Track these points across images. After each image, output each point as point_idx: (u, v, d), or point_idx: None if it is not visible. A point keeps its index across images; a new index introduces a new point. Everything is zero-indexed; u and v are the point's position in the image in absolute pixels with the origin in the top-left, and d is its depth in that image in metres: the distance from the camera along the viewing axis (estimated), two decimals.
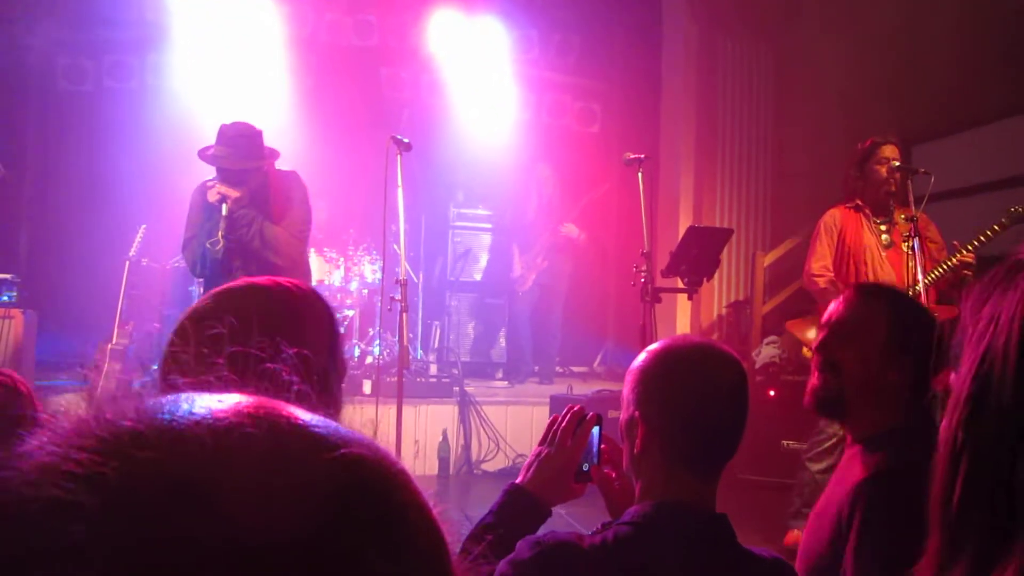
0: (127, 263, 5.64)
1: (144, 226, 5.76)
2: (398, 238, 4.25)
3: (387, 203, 4.04)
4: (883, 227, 4.33)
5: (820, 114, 6.74)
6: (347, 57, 7.12)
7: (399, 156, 4.00)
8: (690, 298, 4.07)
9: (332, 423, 0.40)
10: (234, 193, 3.83)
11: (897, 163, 4.30)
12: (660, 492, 1.37)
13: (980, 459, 0.67)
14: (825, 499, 1.77)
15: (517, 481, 1.56)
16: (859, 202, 4.36)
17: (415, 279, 6.85)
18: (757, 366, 5.90)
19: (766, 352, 5.87)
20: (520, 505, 1.53)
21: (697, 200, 7.05)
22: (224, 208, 3.79)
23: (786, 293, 6.47)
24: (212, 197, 3.86)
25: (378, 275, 5.70)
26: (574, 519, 3.96)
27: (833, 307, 1.83)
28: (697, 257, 3.77)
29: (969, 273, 4.10)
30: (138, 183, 6.05)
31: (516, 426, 5.93)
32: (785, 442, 5.32)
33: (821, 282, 4.36)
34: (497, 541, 1.37)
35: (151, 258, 5.91)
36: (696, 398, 1.38)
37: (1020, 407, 0.66)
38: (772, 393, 5.67)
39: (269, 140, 4.25)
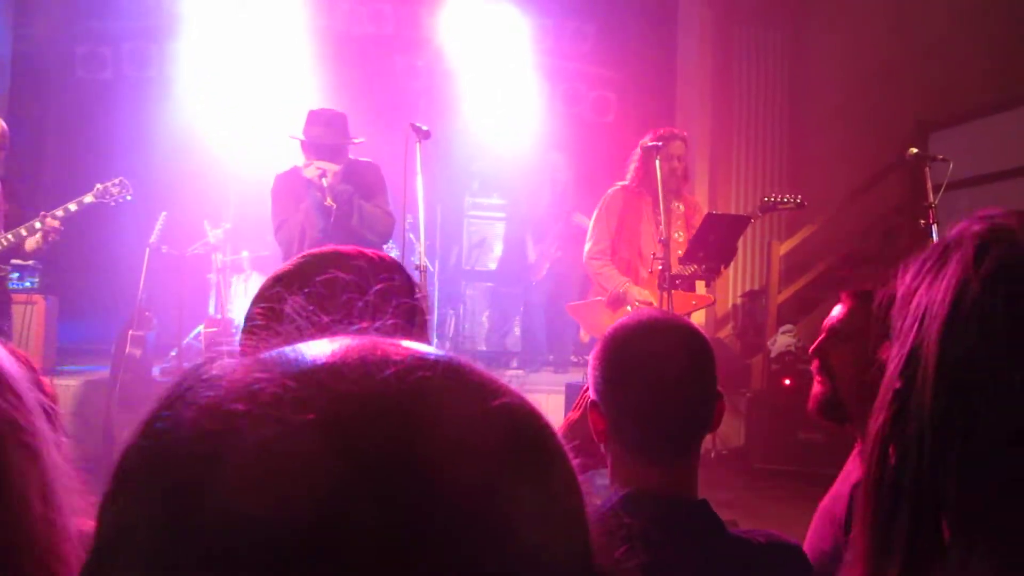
0: (147, 250, 5.69)
1: (164, 213, 5.80)
2: (414, 227, 4.27)
3: (405, 191, 4.06)
4: (662, 218, 4.24)
5: (835, 102, 6.72)
6: (362, 46, 7.14)
7: (418, 144, 4.00)
8: (708, 286, 4.09)
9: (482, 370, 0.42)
10: (333, 167, 3.97)
11: (915, 150, 4.27)
12: (624, 482, 1.30)
13: (904, 463, 0.65)
14: (830, 497, 1.78)
15: None
16: (643, 189, 4.32)
17: (431, 268, 6.88)
18: (773, 355, 5.90)
19: (782, 341, 5.87)
20: None
21: (712, 188, 7.05)
22: (324, 182, 3.93)
23: (802, 282, 6.47)
24: (310, 173, 4.00)
25: None
26: None
27: (834, 311, 1.82)
28: (715, 244, 3.78)
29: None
30: (158, 171, 6.09)
31: None
32: (800, 433, 5.32)
33: (596, 266, 4.34)
34: None
35: (171, 245, 5.95)
36: (639, 385, 1.28)
37: (939, 413, 0.64)
38: (788, 382, 5.67)
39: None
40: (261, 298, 1.12)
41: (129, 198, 4.64)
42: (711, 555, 1.28)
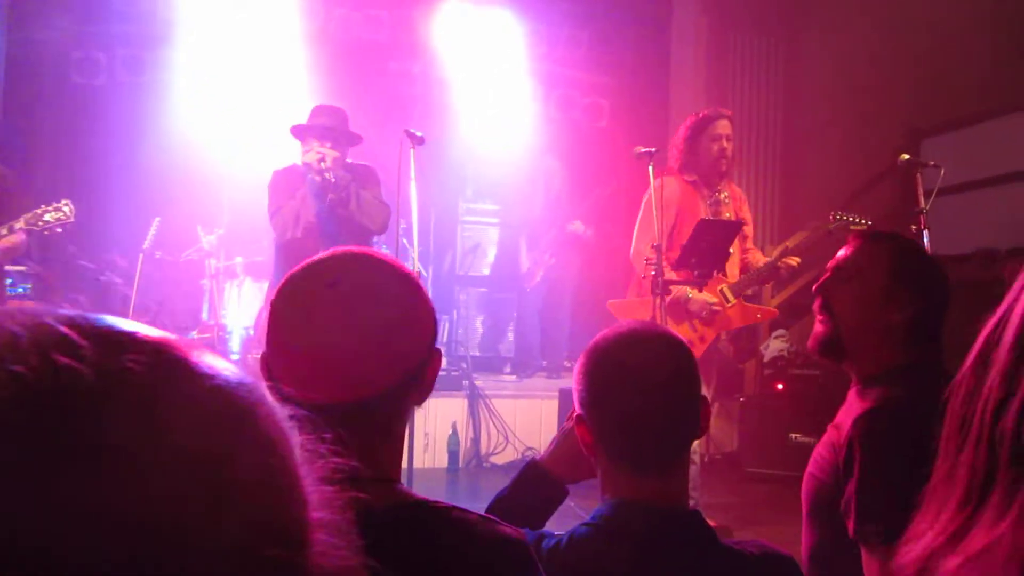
0: (140, 256, 5.69)
1: (158, 219, 5.80)
2: (407, 232, 4.28)
3: (399, 197, 4.07)
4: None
5: (829, 108, 6.75)
6: (357, 52, 7.15)
7: (412, 150, 4.01)
8: (700, 291, 4.10)
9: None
10: (333, 153, 4.08)
11: (907, 157, 4.30)
12: (614, 491, 1.31)
13: (983, 404, 0.69)
14: (832, 426, 1.80)
15: (538, 456, 1.57)
16: (696, 177, 4.20)
17: (424, 273, 6.89)
18: (766, 359, 5.92)
19: (775, 345, 5.89)
20: (535, 480, 1.51)
21: None
22: (324, 165, 4.03)
23: (795, 287, 6.48)
24: (310, 157, 4.08)
25: None
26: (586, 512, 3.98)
27: (840, 252, 1.84)
28: (707, 250, 3.78)
29: (787, 275, 4.04)
30: (152, 176, 6.10)
31: (525, 420, 5.97)
32: (793, 435, 5.34)
33: (653, 268, 3.91)
34: (510, 515, 1.38)
35: (164, 251, 5.96)
36: (623, 397, 1.28)
37: (1012, 366, 0.68)
38: (780, 386, 5.69)
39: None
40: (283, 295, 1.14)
41: (71, 221, 3.98)
42: (703, 566, 1.27)
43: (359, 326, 1.08)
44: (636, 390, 1.28)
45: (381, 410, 1.11)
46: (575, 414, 1.37)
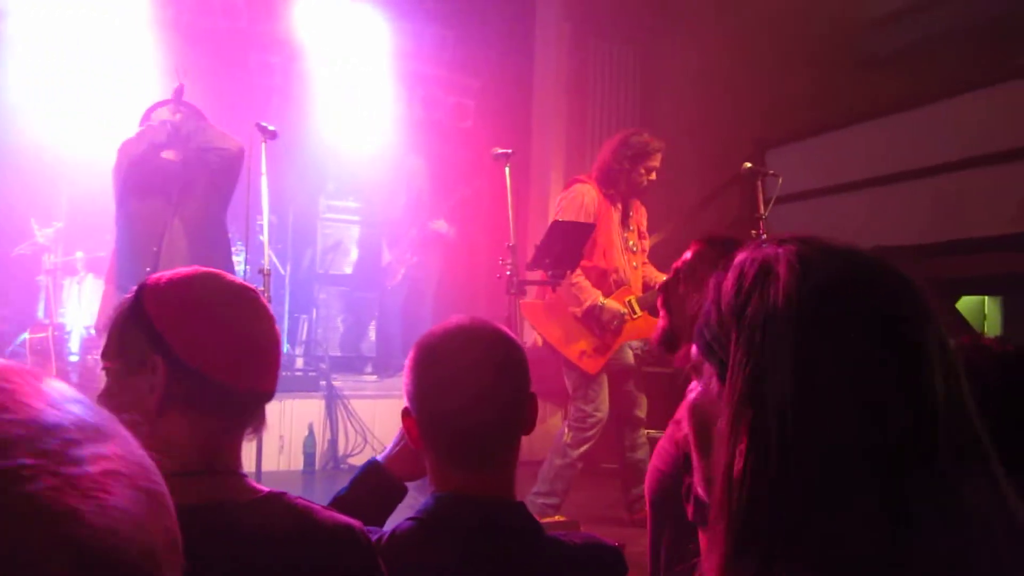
0: None
1: None
2: (263, 229, 4.15)
3: (251, 193, 3.95)
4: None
5: (684, 117, 7.01)
6: (214, 40, 6.87)
7: (264, 144, 3.90)
8: (554, 291, 4.17)
9: None
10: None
11: (749, 165, 4.52)
12: (440, 485, 1.32)
13: (755, 459, 0.70)
14: (670, 428, 1.86)
15: (379, 456, 1.56)
16: (613, 191, 4.38)
17: (282, 271, 6.70)
18: None
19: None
20: (373, 479, 1.51)
21: None
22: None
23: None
24: (163, 111, 4.23)
25: (242, 266, 5.55)
26: None
27: (685, 254, 1.97)
28: (561, 251, 3.85)
29: None
30: None
31: (384, 420, 5.90)
32: (644, 431, 5.51)
33: (581, 280, 4.18)
34: (349, 514, 1.37)
35: None
36: (446, 393, 1.29)
37: (798, 419, 0.69)
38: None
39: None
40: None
41: None
42: (526, 556, 1.28)
43: (272, 320, 1.24)
44: (460, 387, 1.28)
45: (265, 404, 1.25)
46: (403, 407, 1.37)
